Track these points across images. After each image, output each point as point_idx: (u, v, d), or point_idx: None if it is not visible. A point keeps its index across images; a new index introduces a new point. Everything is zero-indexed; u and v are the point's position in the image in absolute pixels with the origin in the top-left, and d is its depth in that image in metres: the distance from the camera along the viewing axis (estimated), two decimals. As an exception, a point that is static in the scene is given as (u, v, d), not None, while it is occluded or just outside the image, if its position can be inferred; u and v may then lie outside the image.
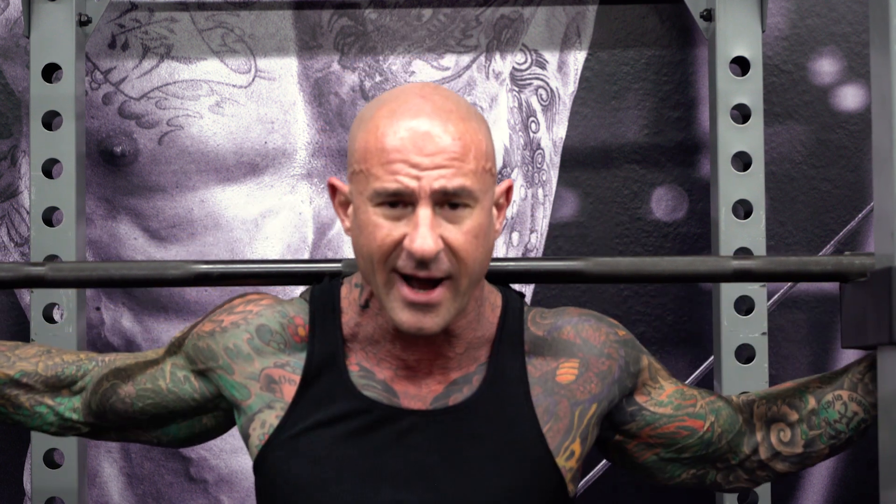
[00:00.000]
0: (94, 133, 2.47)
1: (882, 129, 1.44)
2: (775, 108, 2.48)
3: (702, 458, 1.63)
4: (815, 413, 1.63)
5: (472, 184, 1.45)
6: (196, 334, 1.62)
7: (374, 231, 1.46)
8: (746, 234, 2.29)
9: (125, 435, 1.70)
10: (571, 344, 1.58)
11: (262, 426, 1.56)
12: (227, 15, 2.49)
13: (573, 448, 1.55)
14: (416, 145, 1.44)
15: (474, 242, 1.46)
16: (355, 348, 1.56)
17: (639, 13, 2.50)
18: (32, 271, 1.71)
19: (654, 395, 1.61)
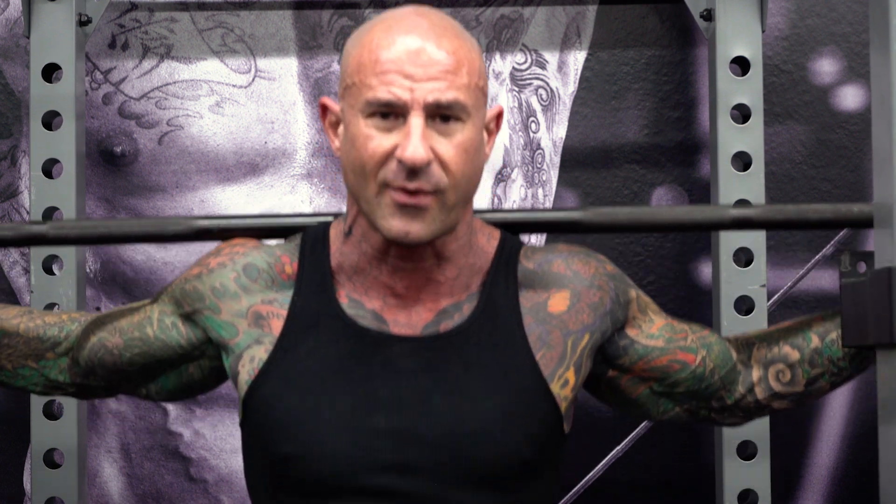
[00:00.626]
0: (94, 133, 2.47)
1: (882, 129, 1.44)
2: (775, 108, 2.48)
3: (694, 393, 1.63)
4: (818, 352, 1.63)
5: (464, 98, 1.46)
6: (183, 278, 1.62)
7: (365, 142, 1.46)
8: (747, 234, 2.29)
9: (113, 392, 1.71)
10: (562, 276, 1.58)
11: (252, 361, 1.54)
12: (227, 15, 2.49)
13: (567, 376, 1.55)
14: (411, 57, 1.45)
15: (464, 156, 1.47)
16: (343, 280, 1.55)
17: (639, 13, 2.50)
18: (34, 229, 1.72)
19: (645, 329, 1.61)
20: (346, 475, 1.48)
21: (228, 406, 2.47)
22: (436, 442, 1.48)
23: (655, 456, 2.46)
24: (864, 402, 2.46)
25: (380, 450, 1.48)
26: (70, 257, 2.27)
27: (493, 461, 1.49)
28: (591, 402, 2.47)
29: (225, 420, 2.48)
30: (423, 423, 1.49)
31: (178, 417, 2.48)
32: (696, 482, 2.46)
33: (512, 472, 1.50)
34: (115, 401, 2.47)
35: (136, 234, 1.74)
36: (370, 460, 1.48)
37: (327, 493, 1.49)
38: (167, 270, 2.47)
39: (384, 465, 1.48)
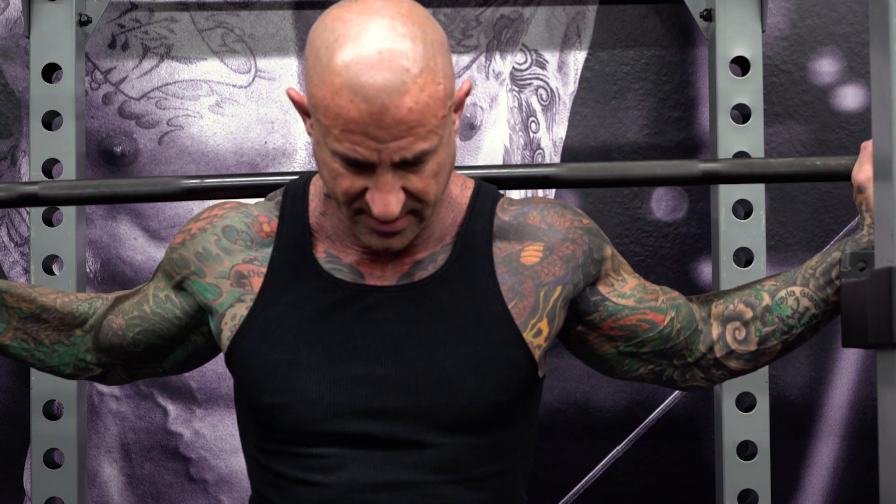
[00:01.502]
0: (94, 133, 2.47)
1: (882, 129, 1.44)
2: (775, 108, 2.48)
3: (660, 352, 1.66)
4: (768, 310, 1.66)
5: (430, 144, 1.47)
6: (170, 248, 1.66)
7: (336, 178, 1.49)
8: (746, 233, 2.29)
9: (133, 372, 1.74)
10: (536, 228, 1.61)
11: (233, 318, 1.59)
12: (227, 15, 2.49)
13: (540, 326, 1.58)
14: (375, 119, 1.44)
15: (435, 180, 1.50)
16: (321, 237, 1.60)
17: (639, 13, 2.50)
18: (25, 189, 1.77)
19: (617, 287, 1.64)
20: (325, 421, 1.53)
21: (228, 406, 2.47)
22: (410, 388, 1.53)
23: (655, 456, 2.46)
24: (864, 402, 2.46)
25: (356, 396, 1.53)
26: (70, 257, 2.27)
27: (466, 406, 1.53)
28: (591, 402, 2.48)
29: (225, 420, 2.48)
30: (397, 370, 1.53)
31: (178, 417, 2.48)
32: (696, 482, 2.46)
33: (485, 416, 1.54)
34: (115, 401, 2.48)
35: (125, 193, 1.79)
36: (347, 406, 1.53)
37: (308, 438, 1.54)
38: (167, 270, 2.47)
39: (361, 411, 1.53)
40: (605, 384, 2.45)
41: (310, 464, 1.54)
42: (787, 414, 2.46)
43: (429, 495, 1.53)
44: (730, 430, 2.28)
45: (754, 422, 2.28)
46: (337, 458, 1.53)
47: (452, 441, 1.54)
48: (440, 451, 1.53)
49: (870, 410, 2.44)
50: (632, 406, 2.47)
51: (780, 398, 2.44)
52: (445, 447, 1.54)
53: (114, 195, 1.80)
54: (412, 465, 1.53)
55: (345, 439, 1.53)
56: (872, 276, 1.52)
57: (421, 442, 1.53)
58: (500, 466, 1.58)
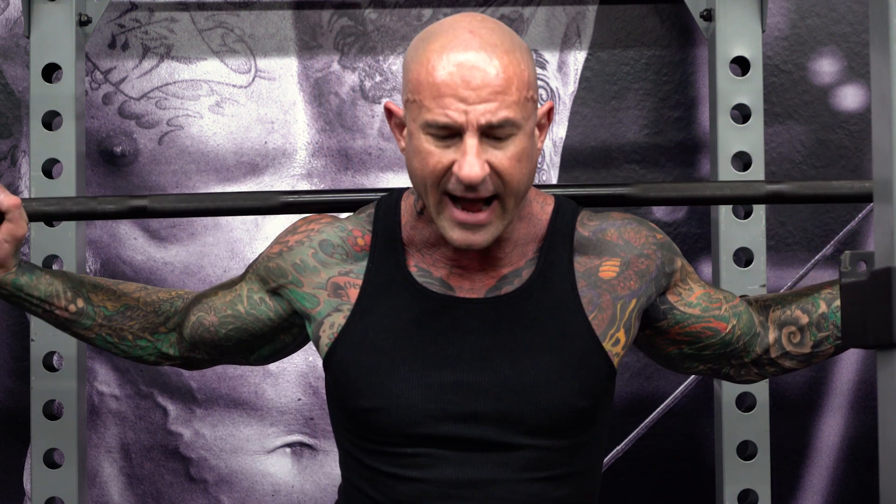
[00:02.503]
0: (94, 133, 2.47)
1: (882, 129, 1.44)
2: (775, 108, 2.48)
3: (720, 355, 1.76)
4: (824, 317, 1.76)
5: (514, 114, 1.57)
6: (266, 256, 1.76)
7: (426, 157, 1.58)
8: (746, 233, 2.29)
9: (216, 362, 1.86)
10: (614, 244, 1.71)
11: (331, 327, 1.69)
12: (227, 15, 2.49)
13: (618, 336, 1.68)
14: (464, 80, 1.56)
15: (518, 165, 1.59)
16: (412, 252, 1.70)
17: (639, 13, 2.50)
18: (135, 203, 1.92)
19: (685, 296, 1.74)
20: (418, 425, 1.63)
21: (228, 406, 2.48)
22: (498, 394, 1.62)
23: (655, 456, 2.46)
24: (864, 402, 2.46)
25: (448, 401, 1.62)
26: (70, 257, 2.27)
27: (551, 411, 1.63)
28: (591, 402, 2.47)
29: (225, 420, 2.48)
30: (486, 377, 1.63)
31: (178, 417, 2.48)
32: (696, 482, 2.46)
33: (569, 420, 1.64)
34: (116, 401, 2.48)
35: (227, 207, 1.93)
36: (439, 411, 1.62)
37: (402, 440, 1.64)
38: (167, 270, 2.47)
39: (452, 416, 1.62)
40: (605, 384, 2.45)
41: (403, 461, 1.64)
42: (787, 414, 2.46)
43: (513, 492, 1.63)
44: (730, 430, 2.28)
45: (754, 422, 2.28)
46: (429, 457, 1.63)
47: (538, 443, 1.63)
48: (526, 452, 1.63)
49: (870, 410, 2.44)
50: (632, 406, 2.47)
51: (780, 398, 2.44)
52: (531, 448, 1.63)
53: (217, 209, 1.93)
54: (499, 464, 1.62)
55: (436, 441, 1.63)
56: (872, 276, 1.52)
57: (508, 444, 1.62)
58: (581, 465, 1.68)
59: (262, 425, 2.47)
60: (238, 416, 2.47)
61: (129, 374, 2.48)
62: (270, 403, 2.48)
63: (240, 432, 2.47)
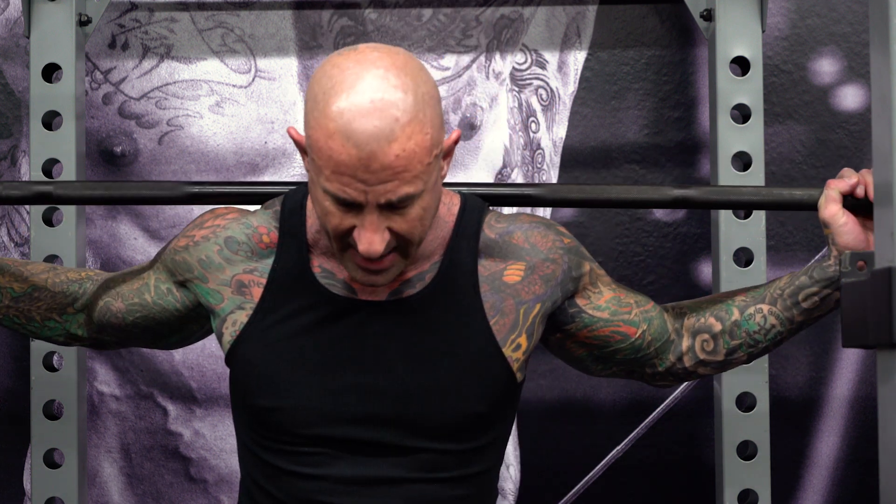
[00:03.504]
0: (94, 133, 2.47)
1: (882, 129, 1.44)
2: (775, 108, 2.48)
3: (631, 360, 1.76)
4: (737, 324, 1.76)
5: (415, 188, 1.55)
6: (172, 249, 1.75)
7: (327, 216, 1.57)
8: (746, 233, 2.29)
9: (124, 345, 1.86)
10: (520, 248, 1.69)
11: (234, 325, 1.69)
12: (227, 15, 2.49)
13: (519, 341, 1.67)
14: (363, 163, 1.52)
15: (420, 223, 1.58)
16: (317, 252, 1.68)
17: (639, 13, 2.50)
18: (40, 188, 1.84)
19: (594, 300, 1.73)
20: (316, 426, 1.64)
21: (228, 406, 2.47)
22: (396, 397, 1.63)
23: (655, 456, 2.46)
24: (864, 402, 2.46)
25: (346, 403, 1.63)
26: (70, 257, 2.27)
27: (448, 415, 1.64)
28: (592, 403, 2.48)
29: (225, 420, 2.48)
30: (385, 380, 1.63)
31: (178, 417, 2.48)
32: (696, 482, 2.46)
33: (466, 424, 1.65)
34: (116, 401, 2.48)
35: (132, 196, 1.87)
36: (337, 413, 1.63)
37: (299, 440, 1.64)
38: (167, 270, 2.47)
39: (350, 418, 1.63)
40: (605, 384, 2.45)
41: (302, 459, 1.65)
42: (787, 414, 2.46)
43: (412, 490, 1.64)
44: (730, 430, 2.28)
45: (754, 422, 2.28)
46: (327, 456, 1.64)
47: (436, 446, 1.64)
48: (425, 455, 1.64)
49: (870, 410, 2.44)
50: (632, 406, 2.47)
51: (780, 398, 2.44)
52: (429, 452, 1.64)
53: (121, 197, 1.88)
54: (397, 465, 1.64)
55: (334, 442, 1.64)
56: (872, 276, 1.52)
57: (406, 447, 1.64)
58: (481, 466, 1.68)
59: (262, 425, 2.47)
60: (238, 416, 2.47)
61: (129, 374, 2.48)
62: (270, 403, 2.48)
63: (240, 432, 2.47)
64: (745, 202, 1.85)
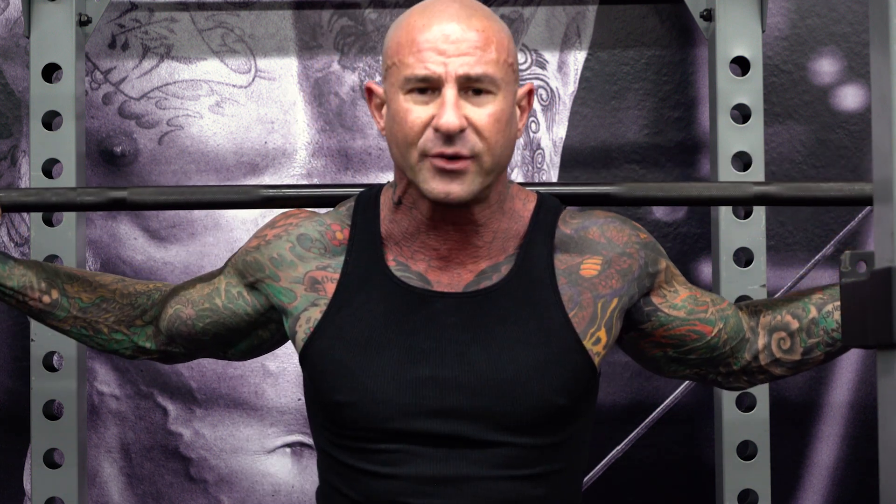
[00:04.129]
0: (94, 133, 2.47)
1: (882, 129, 1.44)
2: (775, 108, 2.48)
3: (706, 360, 1.74)
4: (815, 322, 1.73)
5: (493, 71, 1.58)
6: (244, 251, 1.75)
7: (405, 116, 1.58)
8: (746, 234, 2.29)
9: (192, 357, 1.85)
10: (596, 243, 1.69)
11: (308, 321, 1.67)
12: (227, 15, 2.49)
13: (599, 335, 1.65)
14: (444, 36, 1.58)
15: (497, 125, 1.59)
16: (391, 245, 1.68)
17: (639, 13, 2.50)
18: (115, 195, 1.88)
19: (670, 298, 1.72)
20: (394, 420, 1.61)
21: (228, 406, 2.47)
22: (474, 389, 1.60)
23: (655, 456, 2.46)
24: (864, 402, 2.46)
25: (424, 396, 1.61)
26: (70, 257, 2.27)
27: (528, 408, 1.61)
28: (591, 402, 2.47)
29: (225, 420, 2.48)
30: (463, 372, 1.61)
31: (178, 417, 2.48)
32: (696, 482, 2.46)
33: (547, 418, 1.62)
34: (116, 401, 2.48)
35: (208, 201, 1.91)
36: (415, 406, 1.61)
37: (377, 435, 1.62)
38: (167, 270, 2.47)
39: (428, 411, 1.60)
40: (605, 384, 2.45)
41: (378, 458, 1.62)
42: (787, 414, 2.46)
43: (490, 490, 1.61)
44: (730, 430, 2.28)
45: (754, 422, 2.28)
46: (403, 453, 1.61)
47: (515, 440, 1.61)
48: (503, 450, 1.61)
49: (870, 410, 2.44)
50: (632, 406, 2.47)
51: (780, 398, 2.44)
52: (508, 446, 1.61)
53: (197, 202, 1.92)
54: (475, 461, 1.60)
55: (412, 437, 1.61)
56: (872, 275, 1.52)
57: (484, 441, 1.60)
58: (560, 464, 1.65)
59: (262, 425, 2.47)
60: (238, 416, 2.47)
61: (129, 374, 2.48)
62: (270, 403, 2.48)
63: (240, 432, 2.47)
64: (826, 198, 1.85)
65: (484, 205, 1.64)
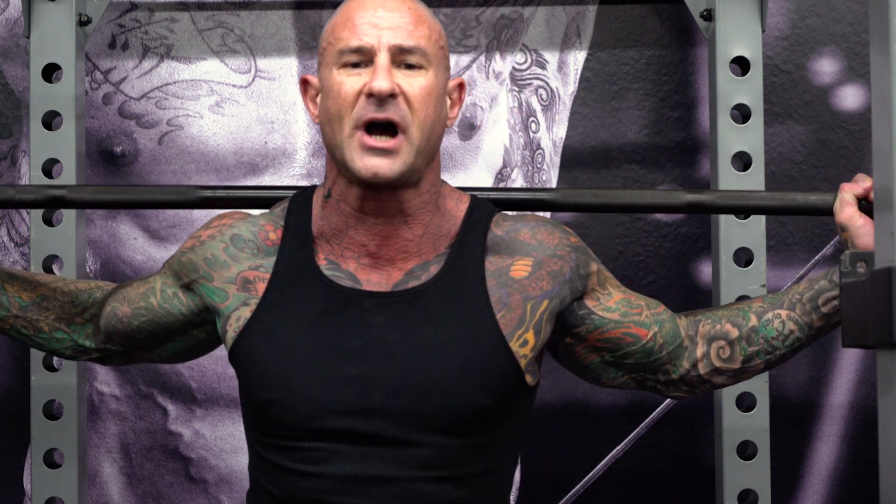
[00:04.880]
0: (94, 133, 2.47)
1: (882, 129, 1.44)
2: (775, 108, 2.48)
3: (643, 365, 1.73)
4: (754, 330, 1.73)
5: (426, 45, 1.62)
6: (180, 251, 1.76)
7: (338, 88, 1.61)
8: (746, 234, 2.29)
9: (130, 357, 1.84)
10: (527, 244, 1.69)
11: (238, 321, 1.68)
12: (227, 15, 2.49)
13: (527, 337, 1.65)
14: (377, 14, 1.62)
15: (427, 99, 1.61)
16: (322, 244, 1.68)
17: (639, 13, 2.50)
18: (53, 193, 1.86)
19: (603, 301, 1.71)
20: (317, 418, 1.61)
21: (228, 406, 2.47)
22: (399, 389, 1.60)
23: (655, 456, 2.46)
24: (864, 402, 2.46)
25: (348, 395, 1.61)
26: (70, 257, 2.27)
27: (451, 408, 1.61)
28: (591, 402, 2.48)
29: (225, 420, 2.48)
30: (388, 371, 1.61)
31: (178, 417, 2.48)
32: (696, 482, 2.46)
33: (470, 418, 1.62)
34: (116, 401, 2.48)
35: (145, 200, 1.89)
36: (339, 405, 1.61)
37: (301, 434, 1.62)
38: (167, 270, 2.47)
39: (352, 410, 1.60)
40: (605, 384, 2.45)
41: (302, 456, 1.62)
42: (787, 414, 2.46)
43: (412, 490, 1.61)
44: (730, 430, 2.28)
45: (754, 422, 2.28)
46: (327, 451, 1.61)
47: (437, 441, 1.61)
48: (425, 450, 1.61)
49: (870, 410, 2.44)
50: (632, 406, 2.46)
51: (780, 398, 2.44)
52: (431, 446, 1.61)
53: (134, 201, 1.90)
54: (398, 461, 1.60)
55: (335, 435, 1.61)
56: (872, 275, 1.52)
57: (407, 440, 1.60)
58: (483, 466, 1.64)
59: (262, 425, 2.47)
60: (238, 416, 2.47)
61: (129, 374, 2.48)
62: (270, 403, 2.48)
63: (240, 432, 2.47)
64: (758, 207, 1.85)
65: (413, 192, 1.64)
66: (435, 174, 1.68)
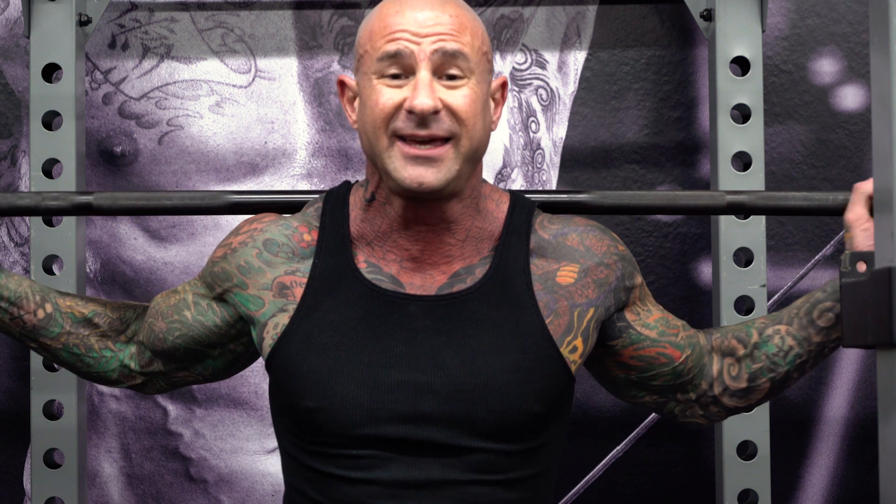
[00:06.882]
0: (94, 133, 2.47)
1: (882, 129, 1.44)
2: (775, 108, 2.48)
3: (669, 387, 1.70)
4: (757, 346, 1.70)
5: (468, 52, 1.56)
6: (211, 261, 1.70)
7: (377, 99, 1.55)
8: (746, 234, 2.29)
9: (173, 381, 1.78)
10: (574, 250, 1.65)
11: (276, 327, 1.62)
12: (227, 15, 2.49)
13: (576, 344, 1.62)
14: (416, 19, 1.55)
15: (473, 108, 1.56)
16: (362, 245, 1.64)
17: (639, 13, 2.50)
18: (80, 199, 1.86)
19: (643, 317, 1.68)
20: (364, 425, 1.56)
21: (228, 406, 2.47)
22: (448, 395, 1.56)
23: (655, 456, 2.46)
24: (864, 402, 2.46)
25: (395, 401, 1.56)
26: (70, 257, 2.27)
27: (503, 414, 1.57)
28: (591, 403, 2.48)
29: (225, 420, 2.48)
30: (436, 377, 1.56)
31: (178, 417, 2.48)
32: (696, 482, 2.46)
33: (522, 424, 1.58)
34: (115, 401, 2.48)
35: (173, 206, 1.87)
36: (386, 411, 1.56)
37: (348, 441, 1.57)
38: (167, 270, 2.47)
39: (399, 416, 1.56)
40: (605, 384, 2.45)
41: (350, 463, 1.58)
42: (787, 414, 2.46)
43: (465, 494, 1.57)
44: (730, 430, 2.28)
45: (754, 422, 2.28)
46: (376, 458, 1.57)
47: (489, 446, 1.57)
48: (477, 455, 1.57)
49: (870, 410, 2.44)
50: (632, 406, 2.47)
51: (781, 398, 2.44)
52: (482, 451, 1.57)
53: (163, 208, 1.88)
54: (449, 466, 1.56)
55: (385, 442, 1.57)
56: (872, 276, 1.52)
57: (458, 446, 1.57)
58: (534, 469, 1.61)
59: (262, 425, 2.47)
60: (238, 416, 2.47)
61: (129, 374, 2.48)
62: (270, 403, 2.48)
63: (240, 432, 2.47)
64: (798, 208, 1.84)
65: (457, 199, 1.61)
66: (476, 178, 1.64)
